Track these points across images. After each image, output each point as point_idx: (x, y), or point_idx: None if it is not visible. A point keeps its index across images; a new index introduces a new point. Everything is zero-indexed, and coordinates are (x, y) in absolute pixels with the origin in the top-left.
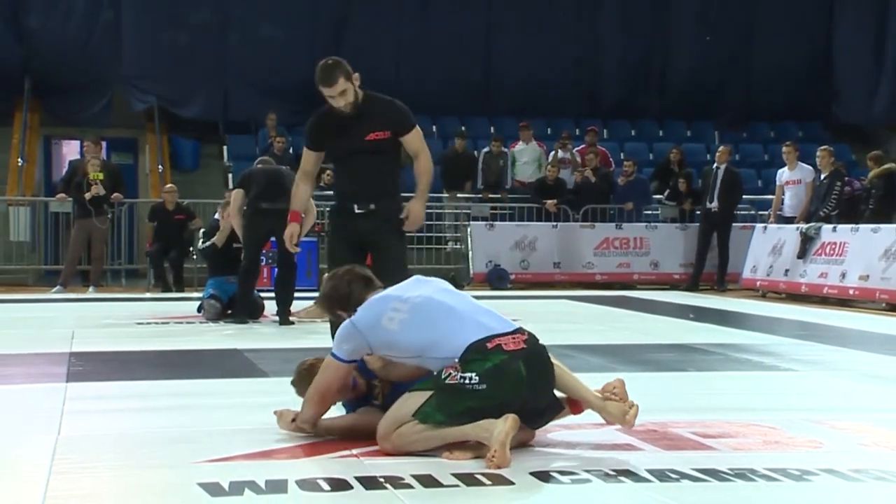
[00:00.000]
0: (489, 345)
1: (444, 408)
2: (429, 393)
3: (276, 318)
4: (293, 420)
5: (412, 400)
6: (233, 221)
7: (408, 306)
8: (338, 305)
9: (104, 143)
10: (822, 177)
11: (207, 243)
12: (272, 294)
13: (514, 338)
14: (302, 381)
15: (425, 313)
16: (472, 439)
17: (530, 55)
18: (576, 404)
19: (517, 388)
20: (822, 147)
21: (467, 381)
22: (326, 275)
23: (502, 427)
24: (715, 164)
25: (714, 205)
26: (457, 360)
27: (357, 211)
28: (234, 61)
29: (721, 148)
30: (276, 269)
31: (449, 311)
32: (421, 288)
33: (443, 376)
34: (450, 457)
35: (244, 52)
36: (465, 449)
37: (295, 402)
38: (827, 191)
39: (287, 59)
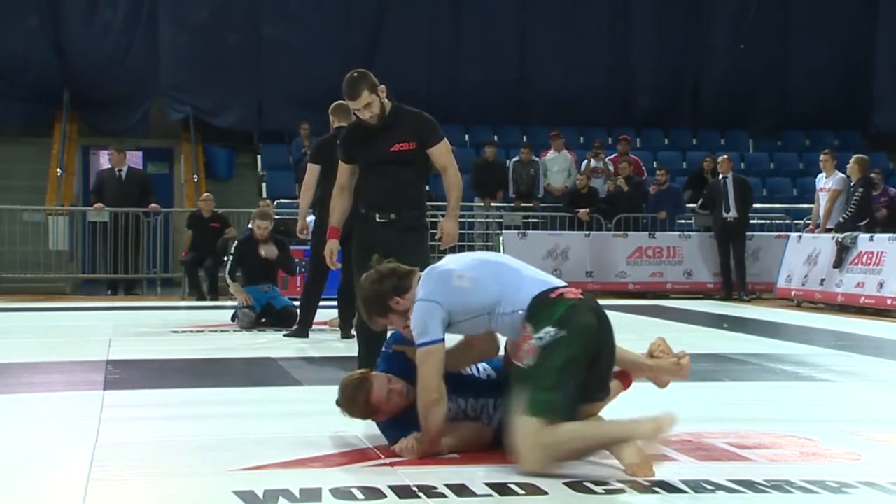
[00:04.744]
0: (552, 295)
1: (540, 385)
2: (525, 392)
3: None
4: (417, 441)
5: (521, 409)
6: (302, 197)
7: (468, 270)
8: (375, 312)
9: (140, 153)
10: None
11: (229, 267)
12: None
13: (571, 290)
14: (351, 401)
15: (490, 268)
16: (621, 439)
17: (563, 64)
18: (625, 377)
19: (591, 333)
20: (855, 156)
21: (546, 337)
22: (359, 286)
23: (647, 430)
24: (721, 175)
25: (732, 214)
26: (521, 312)
27: (378, 220)
28: (268, 72)
29: (722, 158)
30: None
31: (508, 268)
32: (464, 258)
33: (522, 363)
34: (637, 473)
35: (278, 62)
36: (644, 469)
37: (332, 411)
38: (849, 197)
39: (320, 68)
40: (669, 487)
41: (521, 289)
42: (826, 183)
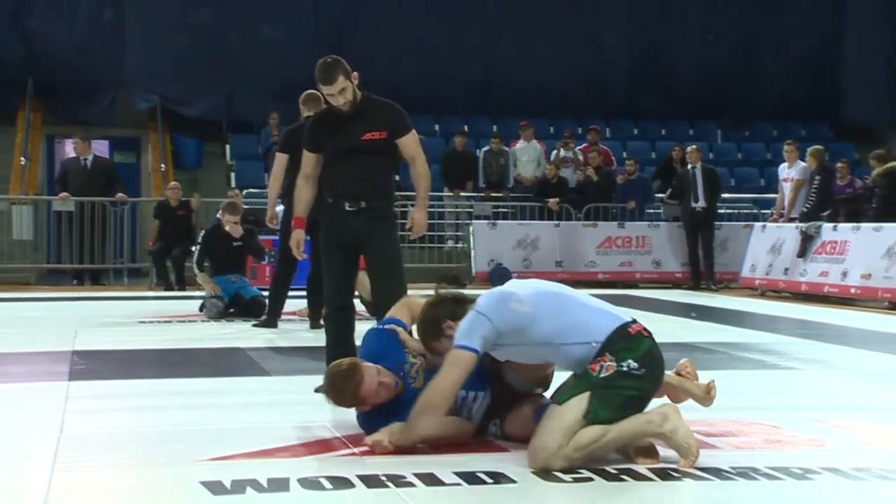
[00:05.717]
0: (631, 330)
1: (606, 403)
2: (586, 395)
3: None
4: (392, 434)
5: (573, 407)
6: (270, 186)
7: (529, 297)
8: (428, 334)
9: (107, 142)
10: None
11: (196, 256)
12: (269, 292)
13: (640, 325)
14: (339, 391)
15: (553, 298)
16: (642, 436)
17: (533, 55)
18: None
19: (662, 373)
20: (810, 148)
21: (626, 368)
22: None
23: (681, 425)
24: (689, 165)
25: (700, 204)
26: (594, 345)
27: (348, 208)
28: (237, 61)
29: (691, 148)
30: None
31: (572, 299)
32: (528, 285)
33: (595, 374)
34: (643, 462)
35: (247, 51)
36: (649, 455)
37: (300, 401)
38: (809, 187)
39: (290, 58)
40: (637, 475)
41: (593, 322)
42: (789, 173)
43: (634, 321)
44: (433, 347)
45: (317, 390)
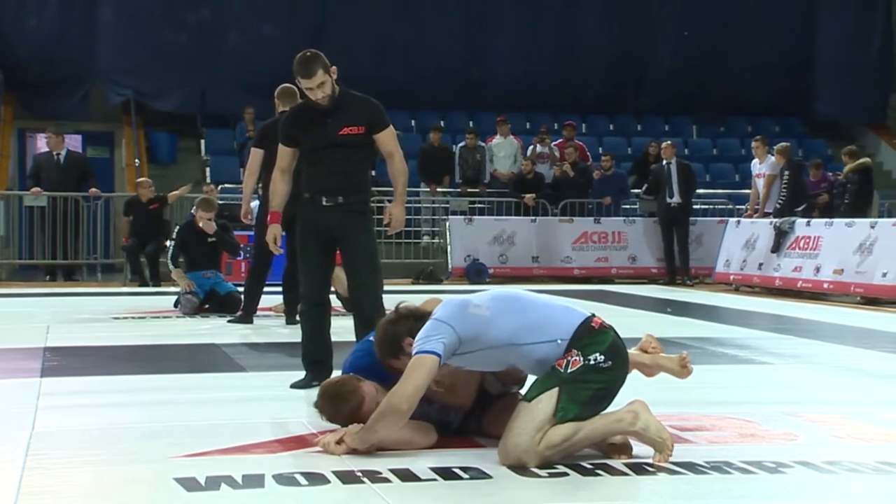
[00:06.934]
0: (594, 325)
1: (575, 398)
2: (555, 391)
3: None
4: (339, 441)
5: (542, 404)
6: (245, 182)
7: (487, 302)
8: (387, 352)
9: (80, 137)
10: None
11: (171, 252)
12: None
13: (599, 317)
14: (336, 410)
15: (512, 300)
16: (613, 434)
17: (511, 51)
18: None
19: (626, 364)
20: (776, 146)
21: (593, 362)
22: (376, 326)
23: (652, 421)
24: (665, 161)
25: (675, 199)
26: (560, 342)
27: (325, 203)
28: (212, 55)
29: (666, 143)
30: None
31: (531, 300)
32: (485, 292)
33: (562, 370)
34: (618, 458)
35: (222, 46)
36: (624, 451)
37: (275, 397)
38: (780, 183)
39: (266, 52)
40: (612, 470)
41: (557, 319)
42: (761, 169)
43: (594, 315)
44: (392, 365)
45: (293, 386)
